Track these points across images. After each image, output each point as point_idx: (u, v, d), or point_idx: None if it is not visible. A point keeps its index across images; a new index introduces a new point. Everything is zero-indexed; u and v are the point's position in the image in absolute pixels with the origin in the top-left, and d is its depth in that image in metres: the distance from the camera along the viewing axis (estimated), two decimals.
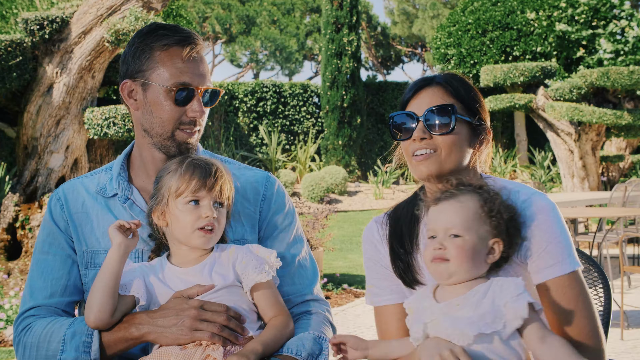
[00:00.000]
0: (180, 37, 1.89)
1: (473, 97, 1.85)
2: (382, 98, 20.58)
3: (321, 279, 7.62)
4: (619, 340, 5.63)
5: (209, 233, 1.79)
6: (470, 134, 1.84)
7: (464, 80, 1.88)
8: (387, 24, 37.34)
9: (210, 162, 1.85)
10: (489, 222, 1.67)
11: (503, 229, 1.68)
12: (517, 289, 1.58)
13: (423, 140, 1.80)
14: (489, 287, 1.62)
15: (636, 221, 9.25)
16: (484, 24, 18.78)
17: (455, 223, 1.66)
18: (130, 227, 1.77)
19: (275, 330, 1.78)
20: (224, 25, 33.47)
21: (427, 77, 1.88)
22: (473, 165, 1.87)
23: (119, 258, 1.74)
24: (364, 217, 14.99)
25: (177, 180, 1.80)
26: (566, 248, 1.75)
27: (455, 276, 1.65)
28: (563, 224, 1.78)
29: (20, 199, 7.27)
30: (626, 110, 13.05)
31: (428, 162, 1.79)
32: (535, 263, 1.75)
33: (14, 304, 5.84)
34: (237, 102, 19.50)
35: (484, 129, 1.87)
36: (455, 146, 1.79)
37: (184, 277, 1.79)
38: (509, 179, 1.93)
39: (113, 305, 1.74)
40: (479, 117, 1.85)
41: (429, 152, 1.80)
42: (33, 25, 7.07)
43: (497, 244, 1.67)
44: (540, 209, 1.76)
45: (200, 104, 1.90)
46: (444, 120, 1.79)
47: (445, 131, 1.78)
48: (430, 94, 1.83)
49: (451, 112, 1.79)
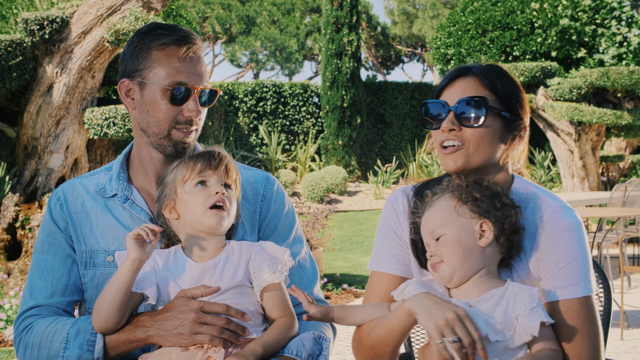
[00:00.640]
0: (178, 37, 1.89)
1: (510, 91, 1.78)
2: (382, 98, 20.58)
3: (321, 279, 7.62)
4: (619, 340, 5.63)
5: (221, 211, 1.77)
6: (503, 129, 1.77)
7: (504, 72, 1.81)
8: (387, 24, 37.35)
9: (212, 147, 1.86)
10: (467, 208, 1.63)
11: (487, 208, 1.62)
12: (531, 301, 1.54)
13: (452, 132, 1.74)
14: (505, 293, 1.58)
15: (636, 221, 9.25)
16: (484, 24, 18.78)
17: (434, 226, 1.65)
18: (148, 235, 1.71)
19: (279, 332, 1.77)
20: (224, 25, 33.47)
21: (465, 66, 1.82)
22: (504, 163, 1.80)
23: (132, 273, 1.71)
24: (364, 217, 14.99)
25: (182, 169, 1.81)
26: (583, 272, 1.70)
27: (456, 275, 1.62)
28: (586, 245, 1.73)
29: (20, 199, 7.27)
30: (626, 110, 13.05)
31: (455, 155, 1.74)
32: (549, 280, 1.71)
33: (14, 304, 5.84)
34: (237, 102, 19.50)
35: (520, 124, 1.79)
36: (484, 140, 1.73)
37: (195, 271, 1.78)
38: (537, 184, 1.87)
39: (120, 315, 1.74)
40: (515, 112, 1.78)
41: (457, 145, 1.74)
42: (33, 25, 7.07)
43: (485, 224, 1.62)
44: (566, 227, 1.71)
45: (197, 103, 1.89)
46: (474, 113, 1.73)
47: (474, 124, 1.72)
48: (464, 84, 1.77)
49: (482, 105, 1.72)
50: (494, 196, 1.64)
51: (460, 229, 1.62)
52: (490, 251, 1.63)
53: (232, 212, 1.81)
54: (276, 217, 2.06)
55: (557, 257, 1.70)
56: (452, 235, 1.62)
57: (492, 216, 1.62)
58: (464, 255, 1.61)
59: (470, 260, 1.61)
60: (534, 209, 1.76)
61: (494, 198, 1.63)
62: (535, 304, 1.54)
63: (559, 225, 1.71)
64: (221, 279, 1.77)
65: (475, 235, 1.62)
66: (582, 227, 1.75)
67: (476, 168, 1.76)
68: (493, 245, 1.63)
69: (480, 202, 1.63)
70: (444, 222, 1.64)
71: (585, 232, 1.76)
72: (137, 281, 1.76)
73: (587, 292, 1.70)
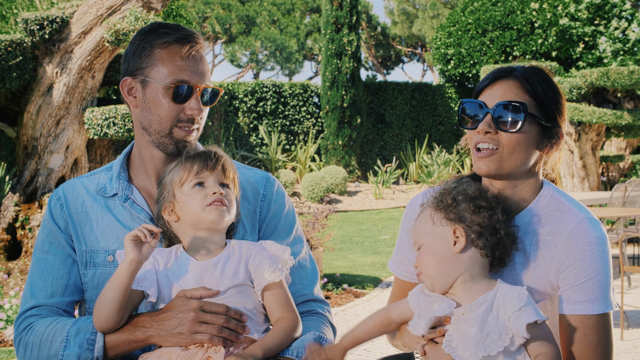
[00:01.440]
0: (181, 35, 1.89)
1: (551, 98, 1.74)
2: (382, 98, 20.58)
3: (321, 279, 7.62)
4: (619, 340, 5.63)
5: (221, 205, 1.77)
6: (539, 135, 1.74)
7: (546, 76, 1.77)
8: (387, 24, 37.35)
9: (208, 148, 1.86)
10: (441, 215, 1.63)
11: (460, 213, 1.62)
12: (519, 301, 1.54)
13: (487, 134, 1.71)
14: (494, 297, 1.57)
15: (636, 221, 9.25)
16: (484, 24, 18.78)
17: (415, 237, 1.68)
18: (146, 236, 1.72)
19: (282, 334, 1.76)
20: (224, 25, 33.47)
21: (507, 67, 1.78)
22: (537, 169, 1.79)
23: (130, 274, 1.71)
24: (364, 217, 14.99)
25: (180, 170, 1.81)
26: (604, 288, 1.68)
27: (436, 283, 1.62)
28: (609, 261, 1.71)
29: (20, 199, 7.27)
30: (626, 110, 13.05)
31: (489, 160, 1.71)
32: (568, 292, 1.69)
33: (14, 304, 5.84)
34: (237, 102, 19.50)
35: (557, 132, 1.76)
36: (519, 146, 1.70)
37: (196, 270, 1.78)
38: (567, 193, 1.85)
39: (121, 315, 1.74)
40: (553, 119, 1.75)
41: (491, 149, 1.71)
42: (33, 25, 7.07)
43: (458, 230, 1.61)
44: (592, 240, 1.69)
45: (199, 102, 1.89)
46: (512, 117, 1.69)
47: (512, 129, 1.69)
48: (505, 86, 1.74)
49: (521, 110, 1.69)
50: (469, 200, 1.62)
51: (435, 237, 1.62)
52: (469, 256, 1.61)
53: (233, 209, 1.81)
54: (276, 217, 2.05)
55: (580, 271, 1.68)
56: (427, 244, 1.63)
57: (466, 221, 1.61)
58: (438, 263, 1.61)
59: (445, 267, 1.60)
60: (560, 219, 1.74)
61: (469, 202, 1.62)
62: (523, 303, 1.53)
63: (584, 238, 1.69)
64: (222, 278, 1.76)
65: (450, 242, 1.61)
66: (607, 241, 1.73)
67: (508, 175, 1.74)
68: (471, 250, 1.61)
69: (453, 208, 1.62)
70: (422, 232, 1.65)
71: (609, 246, 1.74)
72: (137, 279, 1.76)
73: (605, 309, 1.68)
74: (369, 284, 8.13)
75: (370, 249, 10.90)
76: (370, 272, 8.95)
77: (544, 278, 1.72)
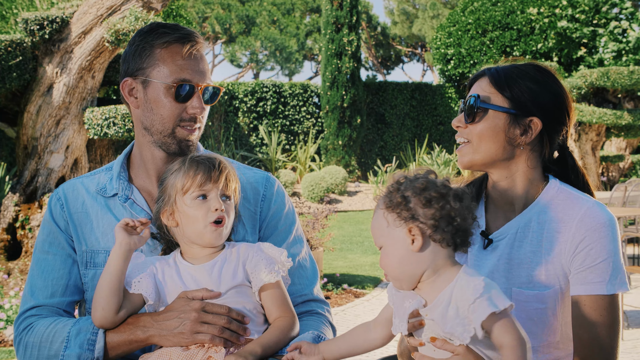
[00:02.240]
0: (181, 35, 1.90)
1: (524, 90, 1.80)
2: (382, 98, 20.58)
3: (321, 279, 7.62)
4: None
5: (220, 227, 1.78)
6: (508, 124, 1.80)
7: (519, 69, 1.83)
8: (387, 24, 37.35)
9: (213, 156, 1.85)
10: (394, 215, 1.56)
11: (413, 210, 1.54)
12: (474, 292, 1.47)
13: (459, 129, 1.86)
14: (452, 291, 1.51)
15: (636, 221, 9.25)
16: (484, 24, 18.78)
17: (374, 237, 1.63)
18: (135, 225, 1.76)
19: (279, 332, 1.77)
20: (224, 25, 33.48)
21: (486, 67, 1.92)
22: (525, 159, 1.83)
23: (121, 256, 1.73)
24: (364, 217, 14.99)
25: (182, 177, 1.80)
26: (617, 269, 1.73)
27: (402, 282, 1.58)
28: (619, 243, 1.77)
29: (20, 199, 7.27)
30: (626, 110, 13.06)
31: (462, 152, 1.86)
32: (582, 274, 1.72)
33: (14, 304, 5.84)
34: (237, 102, 19.50)
35: (527, 121, 1.80)
36: (485, 136, 1.81)
37: (195, 273, 1.78)
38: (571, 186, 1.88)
39: (117, 303, 1.74)
40: (526, 110, 1.79)
41: (464, 142, 1.85)
42: (33, 25, 7.07)
43: (413, 229, 1.54)
44: (605, 223, 1.74)
45: (201, 100, 1.90)
46: (474, 110, 1.82)
47: (474, 120, 1.82)
48: (477, 84, 1.88)
49: (477, 102, 1.81)
50: (418, 194, 1.55)
51: (392, 239, 1.57)
52: (430, 251, 1.55)
53: (230, 224, 1.83)
54: (276, 217, 2.06)
55: (595, 252, 1.72)
56: (386, 246, 1.59)
57: (420, 217, 1.54)
58: (400, 264, 1.56)
59: (408, 267, 1.56)
60: (570, 205, 1.78)
61: (418, 196, 1.55)
62: (477, 295, 1.47)
63: (597, 220, 1.74)
64: (220, 280, 1.77)
65: (407, 241, 1.55)
66: (616, 223, 1.78)
67: (483, 164, 1.83)
68: (431, 245, 1.55)
69: (404, 206, 1.55)
70: (379, 234, 1.60)
71: (618, 228, 1.78)
72: (134, 282, 1.77)
73: (619, 289, 1.72)
74: (369, 284, 8.13)
75: (370, 249, 10.90)
76: (370, 272, 8.95)
77: (557, 264, 1.76)
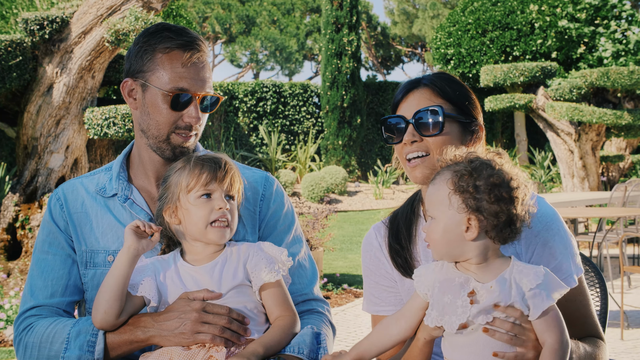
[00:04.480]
0: (183, 42, 1.88)
1: (461, 95, 1.85)
2: (382, 98, 20.59)
3: (321, 279, 7.62)
4: (619, 340, 5.63)
5: (223, 227, 1.78)
6: (461, 132, 1.84)
7: (452, 78, 1.88)
8: (387, 24, 37.35)
9: (218, 156, 1.85)
10: (460, 199, 1.58)
11: (479, 203, 1.56)
12: (536, 278, 1.55)
13: (414, 143, 1.81)
14: (510, 275, 1.57)
15: (636, 221, 9.25)
16: (484, 24, 18.78)
17: (428, 206, 1.64)
18: (145, 230, 1.75)
19: (281, 331, 1.77)
20: (224, 25, 33.48)
21: (415, 79, 1.89)
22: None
23: (127, 261, 1.72)
24: (364, 217, 14.99)
25: (187, 176, 1.80)
26: (573, 257, 1.80)
27: (445, 258, 1.62)
28: (567, 229, 1.81)
29: (20, 199, 7.27)
30: (626, 110, 13.05)
31: (422, 167, 1.81)
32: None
33: (14, 304, 5.84)
34: (237, 102, 19.50)
35: (476, 125, 1.86)
36: (446, 146, 1.75)
37: (195, 275, 1.78)
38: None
39: (120, 307, 1.74)
40: (470, 115, 1.85)
41: (421, 156, 1.81)
42: (33, 25, 7.07)
43: (473, 220, 1.57)
44: (552, 219, 1.79)
45: (197, 110, 1.89)
46: (433, 122, 1.79)
47: (434, 132, 1.79)
48: (418, 96, 1.84)
49: (439, 113, 1.79)
50: (492, 189, 1.57)
51: (448, 220, 1.59)
52: (480, 242, 1.59)
53: (234, 225, 1.82)
54: (275, 216, 2.06)
55: (553, 250, 1.79)
56: (439, 223, 1.60)
57: (484, 211, 1.56)
58: (447, 245, 1.60)
59: (455, 250, 1.60)
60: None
61: (491, 191, 1.57)
62: (540, 281, 1.54)
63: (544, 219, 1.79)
64: (221, 280, 1.77)
65: (462, 227, 1.58)
66: (557, 213, 1.83)
67: None
68: (484, 238, 1.59)
69: (475, 194, 1.57)
70: (436, 207, 1.62)
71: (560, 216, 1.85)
72: (136, 285, 1.77)
73: (581, 271, 1.82)
74: None
75: None
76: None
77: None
